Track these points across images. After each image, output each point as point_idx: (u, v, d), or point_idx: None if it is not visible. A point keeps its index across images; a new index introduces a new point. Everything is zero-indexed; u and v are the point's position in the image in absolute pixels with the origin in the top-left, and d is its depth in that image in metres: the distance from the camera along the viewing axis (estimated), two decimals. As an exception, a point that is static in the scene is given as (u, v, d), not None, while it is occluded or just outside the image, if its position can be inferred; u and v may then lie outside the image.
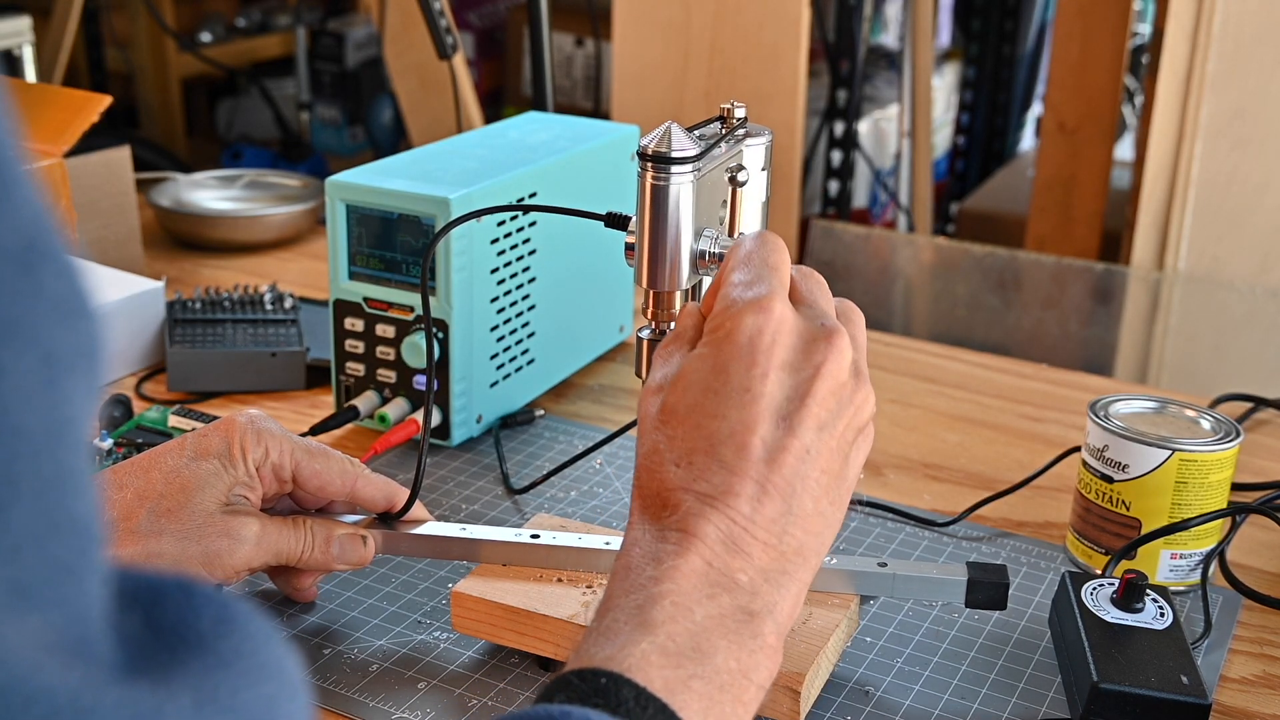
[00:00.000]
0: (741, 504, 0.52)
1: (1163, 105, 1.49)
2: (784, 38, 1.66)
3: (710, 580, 0.51)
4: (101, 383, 0.28)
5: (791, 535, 0.53)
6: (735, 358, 0.53)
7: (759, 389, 0.53)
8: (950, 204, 3.01)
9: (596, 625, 0.51)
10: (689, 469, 0.53)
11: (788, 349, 0.54)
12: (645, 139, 0.64)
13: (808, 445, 0.53)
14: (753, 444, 0.52)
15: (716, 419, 0.53)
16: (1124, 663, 0.67)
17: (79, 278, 0.28)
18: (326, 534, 0.71)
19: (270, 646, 0.31)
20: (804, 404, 0.53)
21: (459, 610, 0.71)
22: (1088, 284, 1.81)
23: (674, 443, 0.53)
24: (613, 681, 0.46)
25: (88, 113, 1.15)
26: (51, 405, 0.26)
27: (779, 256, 0.57)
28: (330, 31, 2.82)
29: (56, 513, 0.26)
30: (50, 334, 0.26)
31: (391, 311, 0.92)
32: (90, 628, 0.27)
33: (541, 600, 0.69)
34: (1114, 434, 0.79)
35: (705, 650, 0.49)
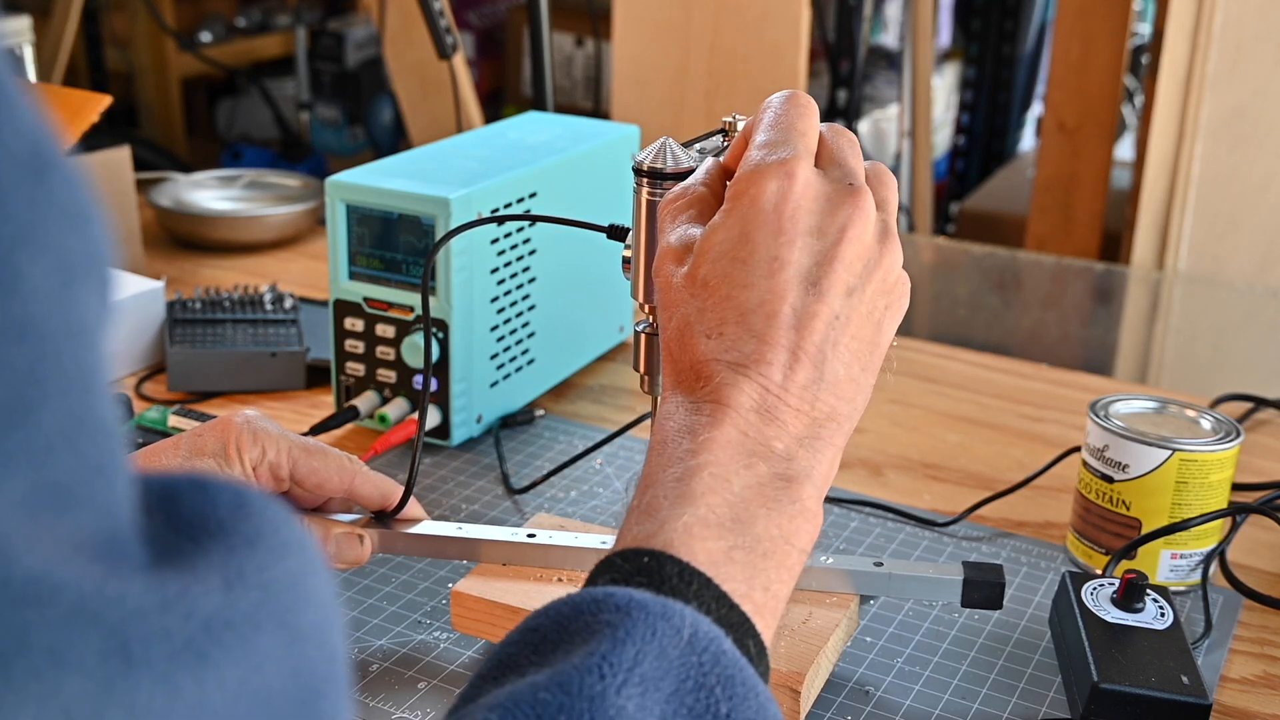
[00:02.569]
0: (774, 372, 0.52)
1: (1163, 105, 1.49)
2: (784, 37, 1.66)
3: (747, 449, 0.51)
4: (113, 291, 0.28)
5: (824, 401, 0.53)
6: (761, 225, 0.53)
7: (786, 256, 0.53)
8: (950, 204, 3.00)
9: (637, 503, 0.51)
10: (720, 339, 0.53)
11: (812, 214, 0.53)
12: (641, 154, 0.64)
13: (836, 311, 0.53)
14: (782, 312, 0.52)
15: (746, 288, 0.53)
16: (1124, 663, 0.67)
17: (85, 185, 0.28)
18: (323, 533, 0.72)
19: (289, 526, 0.31)
20: (831, 269, 0.53)
21: (459, 610, 0.71)
22: (1088, 284, 1.81)
23: (704, 314, 0.53)
24: (655, 559, 0.47)
25: (88, 113, 1.15)
26: (68, 308, 0.26)
27: (806, 120, 0.56)
28: (330, 31, 2.82)
29: (83, 413, 0.26)
30: (62, 239, 0.26)
31: (391, 311, 0.92)
32: (119, 526, 0.27)
33: (542, 599, 0.69)
34: (1114, 434, 0.79)
35: (745, 520, 0.49)
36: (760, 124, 0.57)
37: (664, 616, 0.42)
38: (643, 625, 0.42)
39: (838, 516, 0.88)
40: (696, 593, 0.46)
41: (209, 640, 0.26)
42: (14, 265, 0.25)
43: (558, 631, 0.43)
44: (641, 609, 0.42)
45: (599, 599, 0.43)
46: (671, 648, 0.42)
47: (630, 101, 1.75)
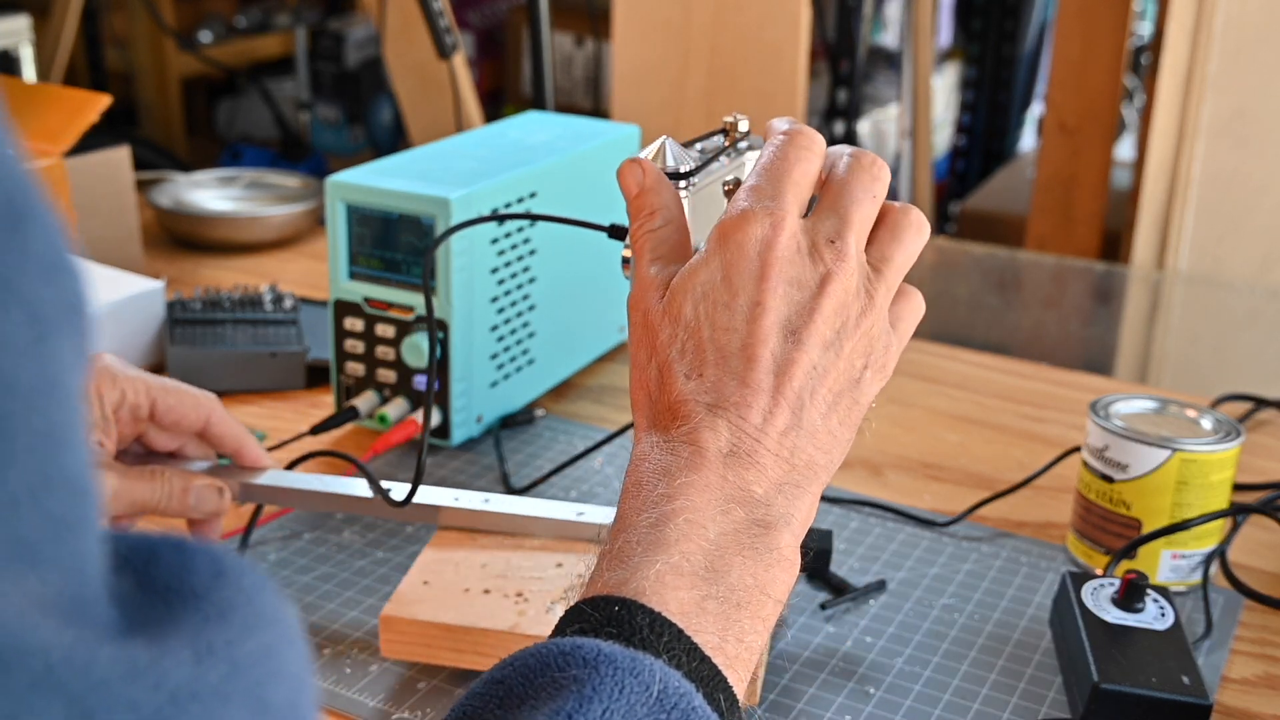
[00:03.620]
0: (753, 415, 0.51)
1: (1163, 105, 1.49)
2: (784, 37, 1.65)
3: (725, 494, 0.50)
4: (90, 341, 0.28)
5: (802, 450, 0.52)
6: (744, 270, 0.53)
7: (767, 303, 0.53)
8: (950, 204, 3.00)
9: (610, 548, 0.50)
10: (700, 380, 0.52)
11: (794, 264, 0.53)
12: (640, 154, 0.64)
13: (814, 361, 0.53)
14: (763, 356, 0.52)
15: (727, 332, 0.53)
16: (1125, 663, 0.67)
17: (61, 235, 0.27)
18: (184, 484, 0.72)
19: (265, 596, 0.31)
20: (810, 320, 0.53)
21: (390, 636, 0.68)
22: (1088, 284, 1.81)
23: (684, 354, 0.53)
24: (625, 608, 0.46)
25: (87, 113, 1.15)
26: (41, 362, 0.26)
27: (804, 166, 0.55)
28: (330, 31, 2.82)
29: (52, 469, 0.26)
30: (36, 291, 0.26)
31: (391, 311, 0.92)
32: (88, 586, 0.27)
33: (475, 614, 0.68)
34: (1114, 434, 0.79)
35: (720, 568, 0.48)
36: (758, 165, 0.56)
37: (633, 672, 0.42)
38: (610, 682, 0.41)
39: (838, 516, 0.88)
40: (667, 645, 0.45)
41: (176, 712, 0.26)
42: None
43: (524, 685, 0.42)
44: (610, 664, 0.42)
45: (566, 652, 0.43)
46: (640, 705, 0.41)
47: (630, 101, 1.75)
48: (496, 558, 0.73)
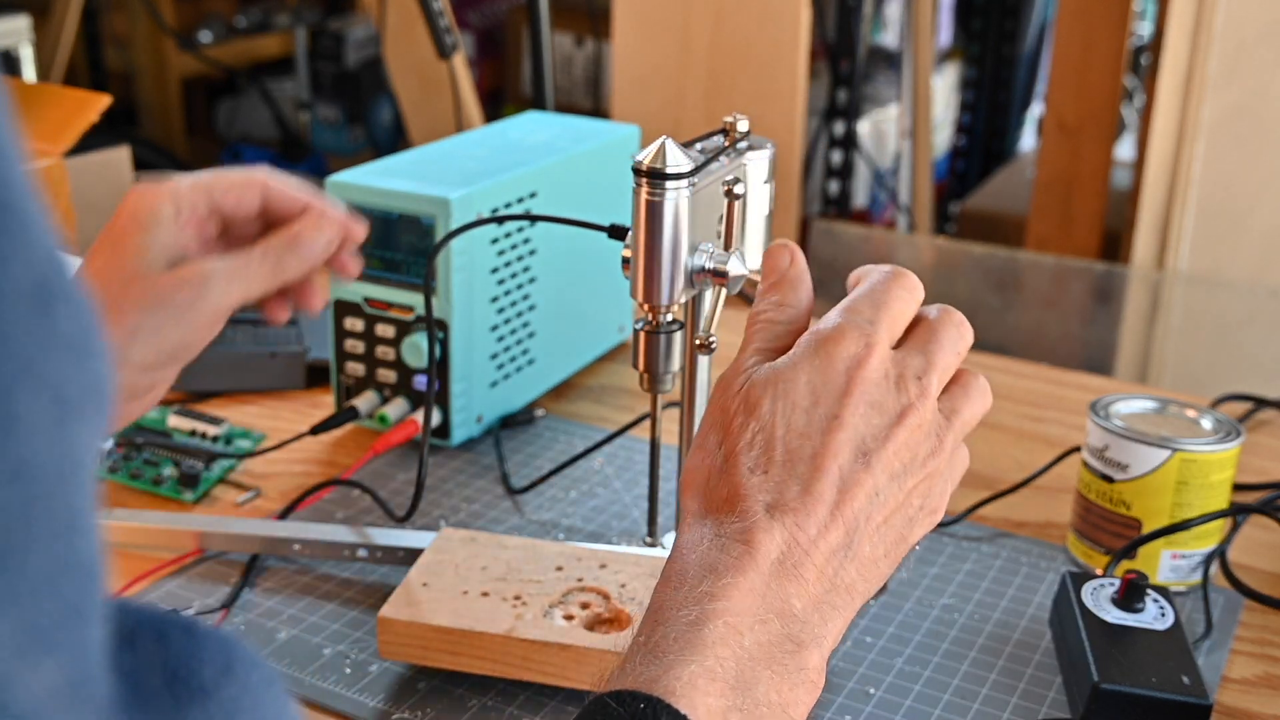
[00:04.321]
0: (810, 525, 0.51)
1: (1163, 105, 1.49)
2: (784, 38, 1.65)
3: (766, 604, 0.50)
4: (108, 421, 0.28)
5: (845, 572, 0.52)
6: (830, 380, 0.53)
7: (846, 418, 0.52)
8: (950, 204, 3.01)
9: (644, 639, 0.49)
10: (764, 477, 0.52)
11: (879, 388, 0.54)
12: (640, 154, 0.64)
13: (879, 488, 0.53)
14: (830, 469, 0.52)
15: (802, 437, 0.52)
16: (1125, 663, 0.67)
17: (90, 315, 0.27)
18: (286, 235, 0.68)
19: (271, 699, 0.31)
20: (883, 446, 0.53)
21: (387, 637, 0.68)
22: (1088, 284, 1.81)
23: (753, 448, 0.53)
24: (650, 707, 0.46)
25: (87, 112, 1.15)
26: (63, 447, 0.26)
27: (903, 304, 0.56)
28: (330, 31, 2.82)
29: (68, 555, 0.26)
30: (61, 374, 0.26)
31: (391, 311, 0.92)
32: (93, 670, 0.27)
33: (473, 617, 0.68)
34: (1114, 434, 0.79)
35: (749, 680, 0.48)
36: (859, 291, 0.57)
37: None
38: None
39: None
40: None
41: None
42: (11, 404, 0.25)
43: None
44: None
45: None
46: None
47: (630, 101, 1.75)
48: (497, 561, 0.73)
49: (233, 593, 0.76)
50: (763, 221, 0.72)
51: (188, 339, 0.65)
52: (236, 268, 0.66)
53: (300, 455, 0.93)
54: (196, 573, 0.79)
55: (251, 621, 0.74)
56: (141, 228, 0.66)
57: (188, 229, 0.67)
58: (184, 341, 0.65)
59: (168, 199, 0.67)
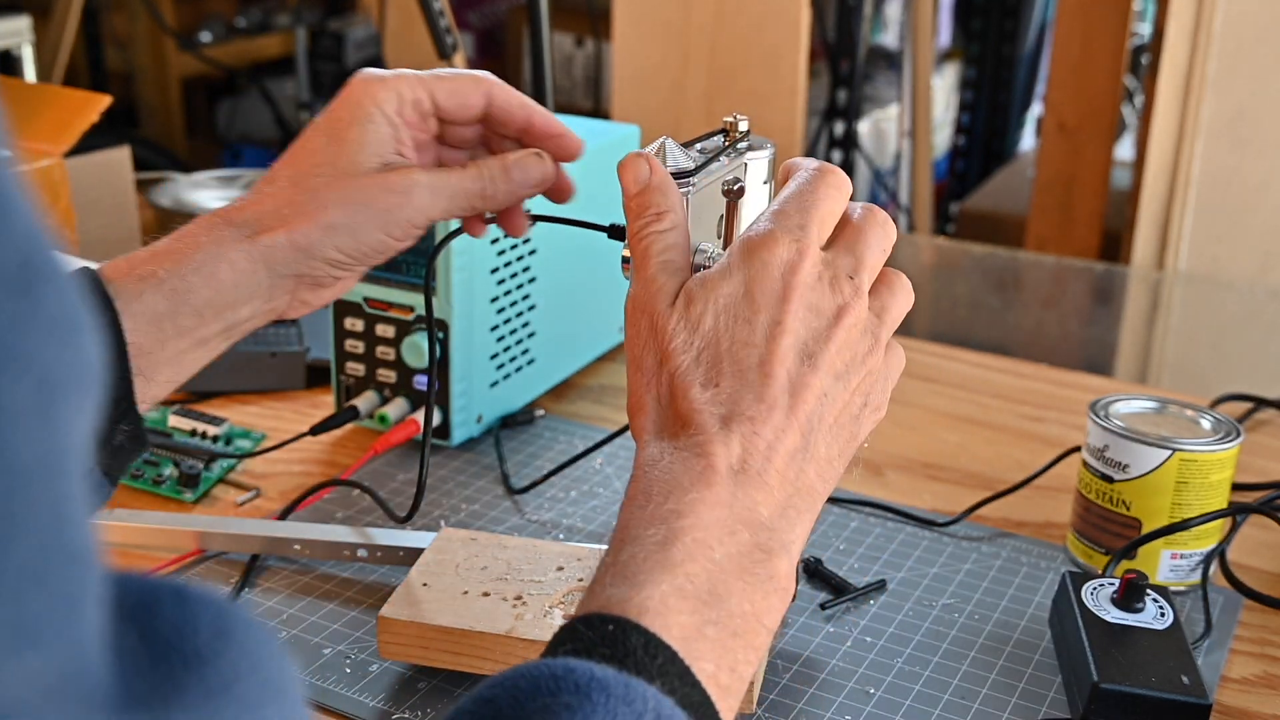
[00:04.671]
0: (766, 431, 0.51)
1: (1163, 105, 1.49)
2: (784, 38, 1.66)
3: (734, 514, 0.50)
4: (98, 399, 0.27)
5: (805, 474, 0.53)
6: (767, 288, 0.53)
7: (788, 324, 0.53)
8: (950, 204, 3.01)
9: (612, 559, 0.49)
10: (716, 390, 0.52)
11: (814, 290, 0.54)
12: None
13: (826, 388, 0.53)
14: (779, 374, 0.52)
15: (747, 346, 0.53)
16: (1124, 663, 0.67)
17: (74, 292, 0.27)
18: (501, 163, 0.69)
19: (269, 660, 0.31)
20: (825, 347, 0.53)
21: (387, 637, 0.68)
22: (1088, 284, 1.81)
23: (700, 364, 0.53)
24: (620, 628, 0.45)
25: (87, 113, 1.15)
26: (48, 434, 0.25)
27: (830, 204, 0.56)
28: (330, 31, 2.82)
29: (56, 546, 0.26)
30: (46, 356, 0.25)
31: (391, 311, 0.92)
32: (89, 659, 0.27)
33: (473, 617, 0.68)
34: (1114, 434, 0.79)
35: (721, 593, 0.48)
36: (784, 193, 0.57)
37: (625, 700, 0.41)
38: (602, 710, 0.41)
39: (838, 516, 0.88)
40: (662, 668, 0.45)
41: None
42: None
43: (513, 709, 0.41)
44: (602, 690, 0.41)
45: (559, 676, 0.42)
46: None
47: (630, 101, 1.75)
48: (498, 561, 0.73)
49: (233, 593, 0.77)
50: (762, 221, 0.72)
51: (383, 244, 0.66)
52: (445, 183, 0.67)
53: (300, 455, 0.93)
54: (196, 573, 0.79)
55: (252, 621, 0.74)
56: (361, 120, 0.66)
57: (407, 126, 0.68)
58: (379, 246, 0.66)
59: (392, 93, 0.67)
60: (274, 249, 0.65)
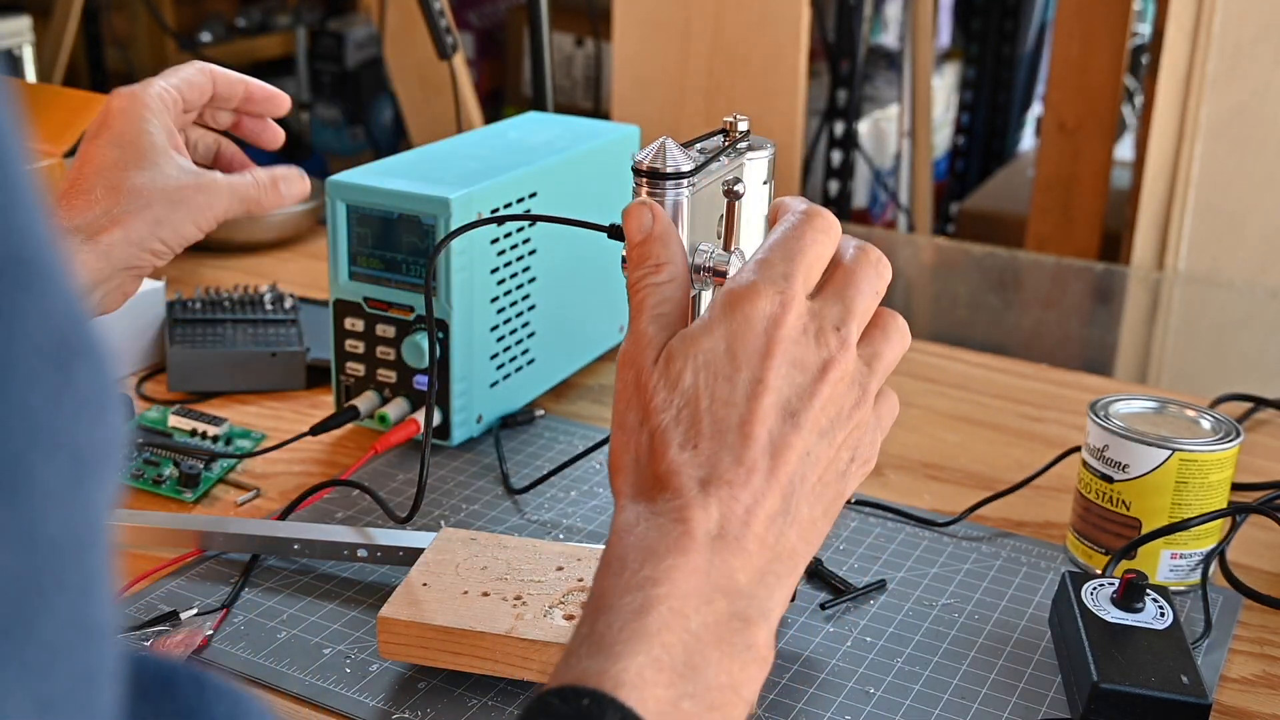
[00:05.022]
0: (744, 495, 0.50)
1: (1163, 105, 1.49)
2: (784, 38, 1.66)
3: (711, 582, 0.49)
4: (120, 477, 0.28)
5: (786, 537, 0.51)
6: (749, 344, 0.52)
7: (770, 381, 0.52)
8: (950, 204, 3.01)
9: (587, 630, 0.48)
10: (694, 452, 0.51)
11: (798, 345, 0.53)
12: (639, 154, 0.63)
13: (809, 447, 0.52)
14: (760, 435, 0.51)
15: (727, 406, 0.51)
16: (1124, 663, 0.67)
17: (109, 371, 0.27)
18: (270, 175, 0.84)
19: None
20: (809, 404, 0.52)
21: (387, 637, 0.68)
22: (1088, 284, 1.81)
23: (680, 424, 0.52)
24: (595, 703, 0.44)
25: (88, 113, 1.15)
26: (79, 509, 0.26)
27: (818, 249, 0.55)
28: (330, 31, 2.82)
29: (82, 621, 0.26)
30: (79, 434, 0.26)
31: (391, 311, 0.92)
32: None
33: (472, 617, 0.68)
34: (1114, 434, 0.79)
35: (698, 664, 0.47)
36: (769, 238, 0.56)
37: None
38: None
39: (838, 516, 0.88)
40: None
41: None
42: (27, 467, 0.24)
43: None
44: None
45: None
46: None
47: (630, 101, 1.75)
48: (498, 561, 0.73)
49: (233, 593, 0.77)
50: (762, 222, 0.72)
51: (192, 235, 0.79)
52: (236, 187, 0.81)
53: (300, 455, 0.93)
54: (196, 573, 0.79)
55: (251, 621, 0.74)
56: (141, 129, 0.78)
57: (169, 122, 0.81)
58: (190, 235, 0.79)
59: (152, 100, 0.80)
60: (113, 246, 0.75)
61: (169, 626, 0.72)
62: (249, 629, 0.74)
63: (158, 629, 0.72)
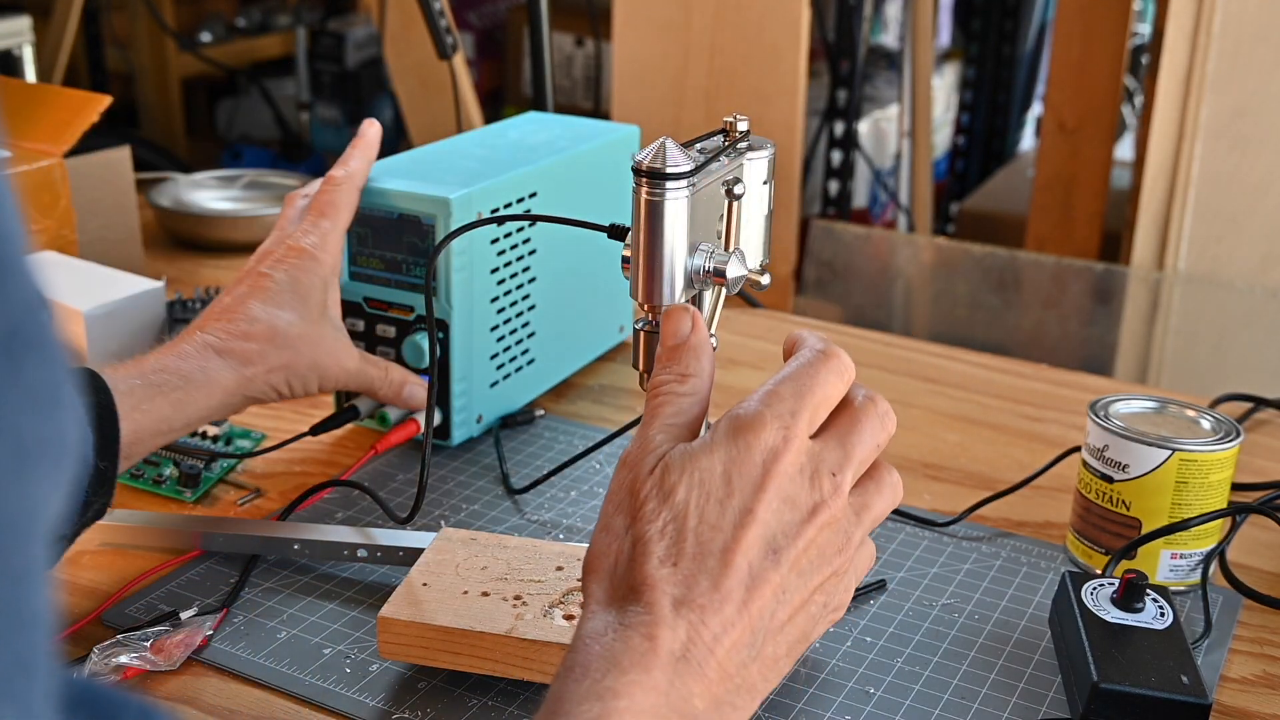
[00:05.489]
0: (714, 622, 0.51)
1: (1163, 105, 1.49)
2: (784, 38, 1.66)
3: (669, 703, 0.49)
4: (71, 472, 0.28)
5: (749, 670, 0.52)
6: (746, 473, 0.53)
7: (759, 513, 0.52)
8: (950, 204, 3.01)
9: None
10: (673, 570, 0.51)
11: (793, 482, 0.53)
12: (640, 154, 0.64)
13: (786, 585, 0.52)
14: (740, 565, 0.51)
15: (714, 530, 0.52)
16: (1124, 663, 0.67)
17: (60, 366, 0.27)
18: (403, 378, 0.89)
19: None
20: (793, 543, 0.53)
21: (387, 637, 0.68)
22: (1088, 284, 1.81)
23: (664, 537, 0.52)
24: None
25: (88, 113, 1.15)
26: (20, 497, 0.26)
27: (828, 389, 0.55)
28: (330, 31, 2.82)
29: (20, 609, 0.26)
30: (24, 424, 0.26)
31: (391, 311, 0.92)
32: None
33: (472, 617, 0.68)
34: (1114, 434, 0.79)
35: None
36: (784, 371, 0.56)
37: None
38: None
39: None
40: None
41: None
42: None
43: None
44: None
45: None
46: None
47: (630, 101, 1.75)
48: (498, 561, 0.73)
49: (233, 593, 0.77)
50: (763, 221, 0.72)
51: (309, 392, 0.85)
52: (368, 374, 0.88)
53: (300, 455, 0.93)
54: (196, 573, 0.79)
55: (251, 621, 0.74)
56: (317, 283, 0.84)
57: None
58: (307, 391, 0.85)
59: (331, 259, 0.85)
60: (253, 381, 0.81)
61: (169, 626, 0.72)
62: (249, 629, 0.74)
63: (158, 629, 0.72)
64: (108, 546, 0.81)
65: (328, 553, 0.79)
